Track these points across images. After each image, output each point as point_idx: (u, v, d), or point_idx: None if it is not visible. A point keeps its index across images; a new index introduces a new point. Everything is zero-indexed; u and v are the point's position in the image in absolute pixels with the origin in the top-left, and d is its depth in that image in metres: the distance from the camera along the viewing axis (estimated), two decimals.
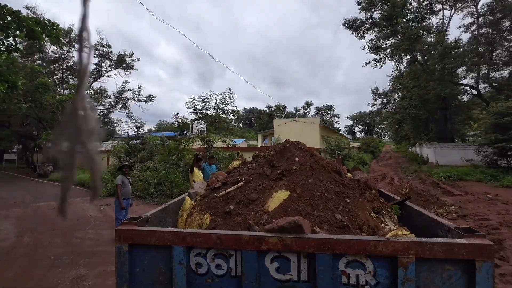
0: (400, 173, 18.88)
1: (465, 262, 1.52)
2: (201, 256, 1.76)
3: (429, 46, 19.14)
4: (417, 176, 16.83)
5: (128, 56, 30.09)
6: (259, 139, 35.22)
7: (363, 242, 1.59)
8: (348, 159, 18.45)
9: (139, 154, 13.58)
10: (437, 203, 8.45)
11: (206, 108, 12.10)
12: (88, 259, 4.83)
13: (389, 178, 16.15)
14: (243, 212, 2.29)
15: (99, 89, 30.05)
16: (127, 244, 1.82)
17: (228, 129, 13.58)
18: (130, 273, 1.81)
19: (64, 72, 27.71)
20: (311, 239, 1.63)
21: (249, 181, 2.76)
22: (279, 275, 1.67)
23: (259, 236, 1.68)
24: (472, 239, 1.55)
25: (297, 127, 25.80)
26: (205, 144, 12.12)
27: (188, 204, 2.82)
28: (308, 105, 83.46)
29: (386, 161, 33.29)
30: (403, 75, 26.48)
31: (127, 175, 6.09)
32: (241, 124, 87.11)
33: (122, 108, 30.59)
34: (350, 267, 1.61)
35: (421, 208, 2.59)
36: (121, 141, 16.26)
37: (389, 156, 39.54)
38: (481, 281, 1.47)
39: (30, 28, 6.22)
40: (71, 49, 26.92)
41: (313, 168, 2.68)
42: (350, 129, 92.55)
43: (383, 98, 31.26)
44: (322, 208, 2.18)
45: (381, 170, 21.78)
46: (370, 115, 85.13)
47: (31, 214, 8.32)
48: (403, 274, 1.51)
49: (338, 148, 18.20)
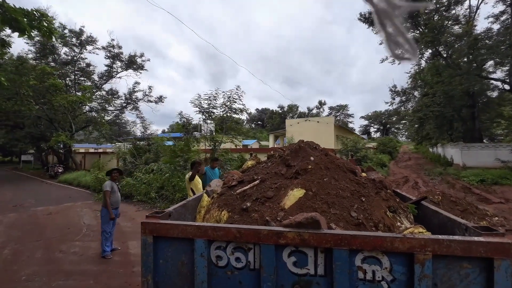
0: (423, 176, 17.42)
1: (483, 260, 1.50)
2: (221, 249, 1.80)
3: (456, 37, 17.50)
4: (443, 179, 15.38)
5: (139, 57, 29.91)
6: (270, 140, 34.27)
7: (379, 239, 1.58)
8: (366, 160, 17.16)
9: (144, 156, 13.00)
10: (477, 214, 7.23)
11: (213, 107, 11.33)
12: (64, 281, 4.10)
13: (413, 182, 14.81)
14: (260, 209, 2.32)
15: (111, 90, 30.00)
16: (152, 237, 1.88)
17: (237, 129, 12.77)
18: (154, 264, 1.86)
19: (76, 74, 27.83)
20: (328, 235, 1.64)
21: (264, 179, 2.79)
22: (296, 269, 1.70)
23: (278, 230, 1.71)
24: (491, 237, 1.54)
25: (311, 127, 24.70)
26: (211, 145, 11.35)
27: (206, 201, 2.86)
28: (321, 104, 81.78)
29: (406, 162, 31.51)
30: (424, 71, 24.82)
31: (116, 181, 5.35)
32: (253, 125, 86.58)
33: (133, 109, 30.43)
34: (366, 262, 1.61)
35: (437, 208, 2.57)
36: (128, 142, 15.78)
37: (408, 157, 37.56)
38: (500, 279, 1.45)
39: (13, 18, 5.64)
40: (82, 50, 27.04)
41: (328, 167, 2.70)
42: (365, 129, 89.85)
43: (401, 96, 29.55)
44: (337, 206, 2.20)
45: (402, 172, 20.32)
46: (386, 114, 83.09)
47: (24, 221, 7.78)
48: (420, 270, 1.52)
49: (355, 149, 16.97)
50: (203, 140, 11.44)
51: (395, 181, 15.26)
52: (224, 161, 10.85)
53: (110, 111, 29.77)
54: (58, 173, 19.93)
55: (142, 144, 14.87)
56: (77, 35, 25.81)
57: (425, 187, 13.06)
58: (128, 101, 29.88)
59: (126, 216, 8.06)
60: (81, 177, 14.64)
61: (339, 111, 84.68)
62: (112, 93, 30.25)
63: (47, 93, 20.35)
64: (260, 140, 53.09)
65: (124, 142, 15.70)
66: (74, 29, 25.58)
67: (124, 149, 14.16)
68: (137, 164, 12.67)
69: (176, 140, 12.80)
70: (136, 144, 14.46)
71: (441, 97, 18.33)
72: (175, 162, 10.93)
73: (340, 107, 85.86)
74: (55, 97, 19.53)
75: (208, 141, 11.38)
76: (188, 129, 11.44)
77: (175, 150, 11.01)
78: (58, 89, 20.39)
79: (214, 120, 11.80)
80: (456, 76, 18.25)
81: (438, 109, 18.59)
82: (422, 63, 26.93)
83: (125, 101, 30.00)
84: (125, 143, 15.23)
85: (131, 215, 8.18)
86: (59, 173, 19.96)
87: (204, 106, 11.22)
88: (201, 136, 11.62)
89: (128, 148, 13.96)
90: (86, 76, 28.69)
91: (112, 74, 29.93)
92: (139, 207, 9.21)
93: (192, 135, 11.66)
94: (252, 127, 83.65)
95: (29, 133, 23.89)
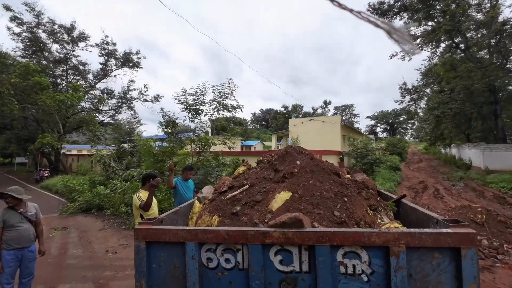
0: (442, 181, 15.55)
1: (452, 250, 1.61)
2: (211, 252, 1.87)
3: (480, 24, 15.57)
4: (467, 185, 13.52)
5: (135, 54, 28.52)
6: (273, 141, 32.59)
7: (357, 234, 1.68)
8: (379, 164, 15.30)
9: (126, 160, 11.44)
10: None
11: (201, 103, 9.71)
12: None
13: (432, 189, 12.98)
14: (249, 213, 2.41)
15: (106, 89, 28.62)
16: (145, 242, 1.90)
17: (230, 129, 11.14)
18: (147, 269, 1.90)
19: (69, 72, 26.55)
20: (310, 232, 1.73)
21: (254, 184, 2.85)
22: (282, 266, 1.77)
23: (263, 231, 1.79)
24: (457, 229, 1.65)
25: (315, 127, 22.95)
26: (199, 147, 9.73)
27: (198, 208, 2.99)
28: (326, 104, 79.77)
29: (417, 164, 29.53)
30: (437, 66, 22.90)
31: (17, 208, 3.37)
32: (258, 125, 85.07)
33: (129, 109, 29.07)
34: (347, 257, 1.70)
35: (415, 204, 2.67)
36: (113, 144, 14.24)
37: (418, 158, 35.55)
38: (467, 267, 1.56)
39: None
40: (74, 47, 25.75)
41: (313, 170, 2.78)
42: (372, 129, 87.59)
43: (412, 94, 27.63)
44: (321, 207, 2.29)
45: (416, 176, 18.43)
46: (393, 114, 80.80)
47: None
48: (395, 262, 1.61)
49: (365, 151, 15.19)
50: (189, 142, 9.81)
51: (412, 188, 13.45)
52: (210, 166, 9.18)
53: (105, 111, 28.51)
54: (44, 177, 18.56)
55: (128, 146, 13.35)
56: (68, 31, 24.53)
57: (449, 195, 11.25)
58: (122, 101, 28.50)
59: (83, 237, 6.49)
60: (59, 183, 13.18)
61: (344, 111, 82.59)
62: (107, 92, 28.91)
63: (32, 91, 18.97)
64: (264, 141, 51.61)
65: (105, 144, 14.15)
66: (64, 25, 24.31)
67: (107, 152, 12.62)
68: (117, 169, 11.11)
69: (165, 141, 11.15)
70: (120, 147, 12.93)
71: (460, 92, 16.43)
72: (157, 167, 9.36)
73: (346, 107, 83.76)
74: (41, 96, 18.16)
75: (195, 143, 9.76)
76: (172, 129, 9.83)
77: (156, 153, 9.43)
78: (44, 88, 19.00)
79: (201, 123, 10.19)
80: (477, 70, 16.37)
81: (457, 106, 16.68)
82: (435, 59, 25.10)
83: (119, 101, 28.63)
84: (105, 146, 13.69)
85: (89, 236, 6.60)
86: (44, 177, 18.59)
87: (191, 102, 9.61)
88: (186, 137, 9.99)
89: (111, 151, 12.45)
90: (80, 75, 27.46)
91: (107, 72, 28.62)
92: (107, 224, 7.65)
93: (176, 136, 10.05)
94: (256, 127, 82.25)
95: (15, 134, 22.59)
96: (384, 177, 13.61)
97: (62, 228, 7.27)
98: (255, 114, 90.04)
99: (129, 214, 7.96)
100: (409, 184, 14.85)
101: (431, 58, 25.70)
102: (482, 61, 18.01)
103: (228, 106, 10.23)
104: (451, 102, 17.11)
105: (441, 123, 20.07)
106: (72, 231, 7.00)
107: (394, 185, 13.09)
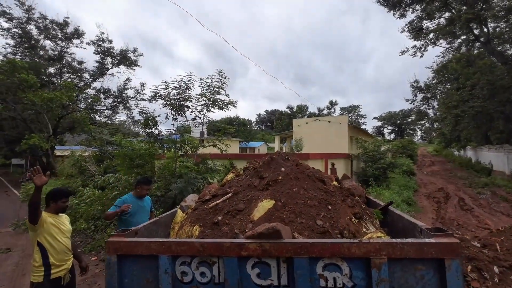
0: (464, 188, 13.82)
1: (436, 261, 1.52)
2: (186, 265, 1.78)
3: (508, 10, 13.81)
4: (495, 193, 11.80)
5: (132, 52, 27.36)
6: (276, 142, 31.06)
7: (337, 245, 1.60)
8: (394, 169, 13.60)
9: (103, 164, 10.06)
10: None
11: (186, 98, 8.28)
12: None
13: (456, 198, 11.29)
14: (230, 222, 2.29)
15: (102, 88, 27.49)
16: (116, 256, 1.82)
17: (221, 129, 9.69)
18: (119, 284, 1.81)
19: (63, 70, 25.48)
20: (288, 244, 1.64)
21: (237, 192, 2.76)
22: (260, 280, 1.68)
23: (239, 242, 1.70)
24: (440, 238, 1.56)
25: (321, 128, 21.35)
26: (181, 151, 8.29)
27: (180, 217, 2.85)
28: (332, 104, 77.75)
29: (430, 167, 27.74)
30: (452, 62, 21.14)
31: None
32: (263, 126, 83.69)
33: (125, 109, 27.89)
34: (327, 270, 1.62)
35: (401, 212, 2.59)
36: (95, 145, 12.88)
37: (430, 161, 33.65)
38: (452, 279, 1.46)
39: None
40: (68, 44, 24.67)
41: (298, 177, 2.69)
42: (379, 130, 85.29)
43: (425, 92, 25.81)
44: (304, 215, 2.19)
45: (432, 181, 16.68)
46: (401, 115, 78.43)
47: None
48: (377, 275, 1.52)
49: (378, 155, 13.57)
50: (170, 143, 8.38)
51: (432, 196, 11.76)
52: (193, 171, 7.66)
53: (100, 111, 27.36)
54: (25, 180, 17.33)
55: (111, 148, 11.99)
56: (61, 27, 23.44)
57: (479, 207, 9.58)
58: (118, 100, 27.33)
59: (21, 265, 5.06)
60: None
61: (351, 112, 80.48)
62: (103, 91, 27.77)
63: (18, 89, 17.85)
64: (268, 142, 50.27)
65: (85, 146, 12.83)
66: (57, 20, 23.22)
67: (85, 153, 11.27)
68: (95, 174, 9.74)
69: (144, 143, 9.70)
70: (101, 149, 11.58)
71: (483, 89, 14.68)
72: (134, 173, 7.97)
73: (352, 108, 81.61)
74: (27, 94, 17.01)
75: (178, 144, 8.34)
76: (153, 128, 8.43)
77: (133, 157, 8.01)
78: (31, 85, 17.83)
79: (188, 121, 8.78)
80: (501, 65, 14.64)
81: (479, 103, 14.93)
82: (450, 55, 23.33)
83: (114, 100, 27.46)
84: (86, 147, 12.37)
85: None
86: (25, 180, 17.35)
87: (174, 97, 8.20)
88: (166, 138, 8.54)
89: (90, 153, 11.13)
90: (76, 73, 26.39)
91: (103, 71, 27.51)
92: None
93: (158, 137, 8.62)
94: (261, 128, 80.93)
95: (4, 136, 21.52)
96: (399, 184, 11.96)
97: (5, 249, 5.87)
98: (260, 115, 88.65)
99: (97, 231, 6.55)
100: (427, 191, 13.17)
101: (445, 54, 23.99)
102: (506, 55, 16.26)
103: (219, 103, 8.79)
104: (473, 100, 15.36)
105: (460, 123, 18.27)
106: (14, 255, 5.60)
107: (411, 193, 11.41)
